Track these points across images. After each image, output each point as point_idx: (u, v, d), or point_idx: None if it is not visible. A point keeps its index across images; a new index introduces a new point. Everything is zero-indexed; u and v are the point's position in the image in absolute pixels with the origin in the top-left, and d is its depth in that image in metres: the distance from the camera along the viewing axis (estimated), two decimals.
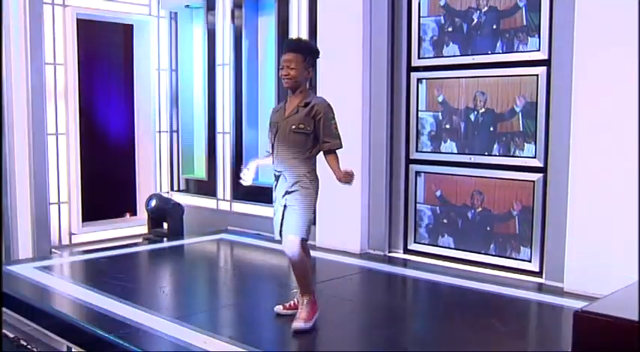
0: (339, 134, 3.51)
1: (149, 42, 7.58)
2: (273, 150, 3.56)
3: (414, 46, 5.41)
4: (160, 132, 7.73)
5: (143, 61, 7.63)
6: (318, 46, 4.00)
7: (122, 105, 7.89)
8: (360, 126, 5.53)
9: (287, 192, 3.47)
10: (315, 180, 3.52)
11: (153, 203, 6.74)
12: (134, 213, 7.71)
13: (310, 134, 3.48)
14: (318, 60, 3.65)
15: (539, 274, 4.74)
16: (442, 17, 5.21)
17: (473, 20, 5.02)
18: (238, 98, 7.00)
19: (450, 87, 5.20)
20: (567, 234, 4.35)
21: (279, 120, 3.55)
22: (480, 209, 5.07)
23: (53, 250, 6.67)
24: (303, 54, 3.52)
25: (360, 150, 5.53)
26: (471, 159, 5.09)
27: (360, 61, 5.52)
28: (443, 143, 5.27)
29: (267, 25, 6.88)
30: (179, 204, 6.88)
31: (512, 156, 4.84)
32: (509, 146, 4.86)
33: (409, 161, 5.52)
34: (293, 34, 6.20)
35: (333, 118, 3.50)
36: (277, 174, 3.54)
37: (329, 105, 3.52)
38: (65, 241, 6.91)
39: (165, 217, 6.68)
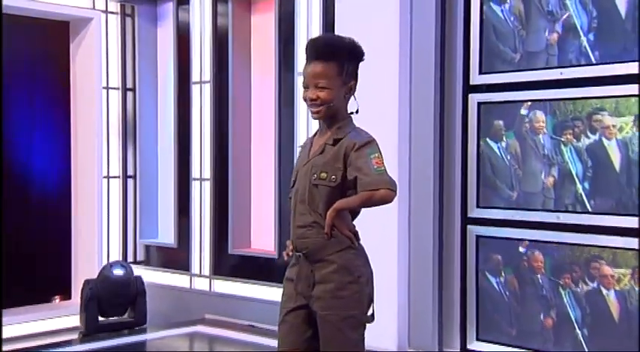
0: (384, 171, 3.12)
1: (93, 48, 7.59)
2: (291, 213, 3.28)
3: (473, 56, 5.42)
4: (108, 177, 7.71)
5: (84, 74, 7.66)
6: None
7: (53, 137, 7.90)
8: (397, 172, 5.40)
9: (316, 283, 3.16)
10: (361, 256, 3.21)
11: (96, 281, 6.68)
12: (67, 296, 7.68)
13: (337, 186, 3.13)
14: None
15: None
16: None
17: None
18: (222, 130, 7.04)
19: (528, 114, 5.19)
20: None
21: (300, 166, 3.30)
22: (574, 292, 4.99)
23: None
24: (339, 61, 3.19)
25: (397, 206, 5.44)
26: (559, 218, 5.05)
27: (395, 77, 5.54)
28: (517, 195, 5.24)
29: (263, 26, 6.95)
30: (137, 282, 6.84)
31: (623, 215, 4.77)
32: (618, 199, 4.80)
33: (467, 221, 5.50)
34: (301, 39, 6.25)
35: (375, 153, 3.14)
36: (298, 254, 3.23)
37: (371, 138, 3.20)
38: None
39: (116, 301, 6.65)
